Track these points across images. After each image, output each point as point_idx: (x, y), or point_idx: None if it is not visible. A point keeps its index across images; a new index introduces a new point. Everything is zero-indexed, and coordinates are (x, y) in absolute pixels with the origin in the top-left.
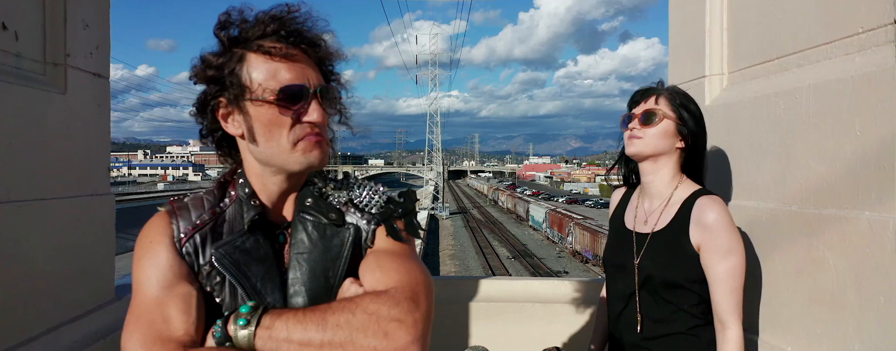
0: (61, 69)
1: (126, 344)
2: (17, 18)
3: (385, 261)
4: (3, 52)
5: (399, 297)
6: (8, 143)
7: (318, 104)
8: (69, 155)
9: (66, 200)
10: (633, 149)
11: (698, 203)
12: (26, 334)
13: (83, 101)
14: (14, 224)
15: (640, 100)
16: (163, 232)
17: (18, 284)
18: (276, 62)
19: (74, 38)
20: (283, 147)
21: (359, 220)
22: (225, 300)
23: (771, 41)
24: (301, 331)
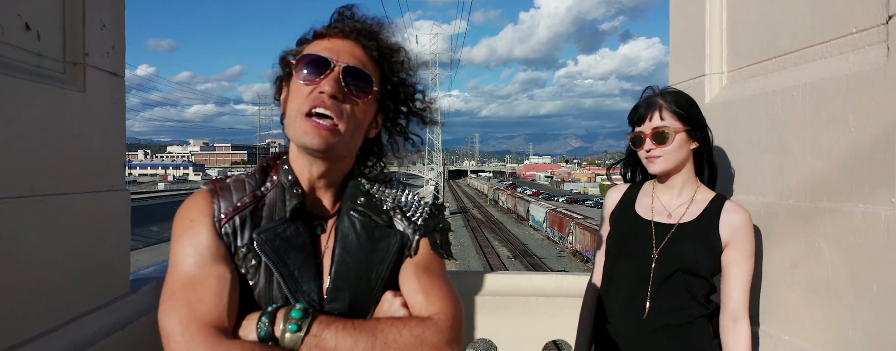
0: (80, 68)
1: (164, 321)
2: (38, 19)
3: (429, 282)
4: (25, 52)
5: (443, 325)
6: (31, 140)
7: (335, 78)
8: (87, 151)
9: (84, 195)
10: (657, 168)
11: (729, 205)
12: (47, 325)
13: (101, 99)
14: (37, 218)
15: (645, 116)
16: (204, 211)
17: (41, 275)
18: (324, 42)
19: (93, 37)
20: (293, 115)
21: (406, 227)
22: (259, 284)
23: (769, 41)
24: (350, 344)
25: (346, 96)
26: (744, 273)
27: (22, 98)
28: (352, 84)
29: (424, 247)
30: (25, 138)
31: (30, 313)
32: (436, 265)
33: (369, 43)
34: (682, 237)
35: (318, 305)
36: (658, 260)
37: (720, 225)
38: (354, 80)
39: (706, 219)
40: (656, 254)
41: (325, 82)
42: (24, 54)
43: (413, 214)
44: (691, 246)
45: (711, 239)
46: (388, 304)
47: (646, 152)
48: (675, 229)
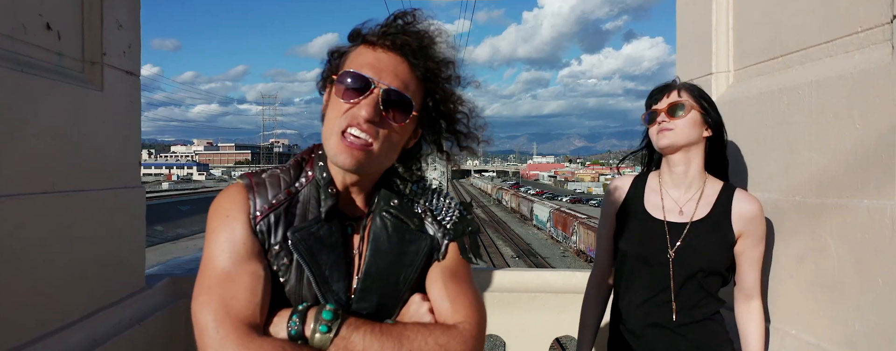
0: (98, 67)
1: (199, 314)
2: (58, 19)
3: (456, 289)
4: (47, 51)
5: (467, 335)
6: (52, 137)
7: (374, 102)
8: (105, 149)
9: (101, 191)
10: (666, 141)
11: (739, 195)
12: (66, 319)
13: (118, 97)
14: (57, 214)
15: (661, 96)
16: (241, 207)
17: (60, 271)
18: (371, 53)
19: (110, 37)
20: (330, 129)
21: (436, 231)
22: (290, 281)
23: (775, 40)
24: (376, 348)
25: (384, 120)
26: (757, 256)
27: (43, 96)
28: (391, 108)
29: (453, 251)
30: (46, 136)
31: (50, 308)
32: (463, 271)
33: (416, 61)
34: (698, 236)
35: (346, 304)
36: (675, 260)
37: (733, 217)
38: (394, 103)
39: (718, 213)
40: (672, 254)
41: (363, 104)
42: (45, 53)
43: (444, 218)
44: (708, 244)
45: (725, 233)
46: (415, 307)
47: (658, 126)
48: (689, 228)
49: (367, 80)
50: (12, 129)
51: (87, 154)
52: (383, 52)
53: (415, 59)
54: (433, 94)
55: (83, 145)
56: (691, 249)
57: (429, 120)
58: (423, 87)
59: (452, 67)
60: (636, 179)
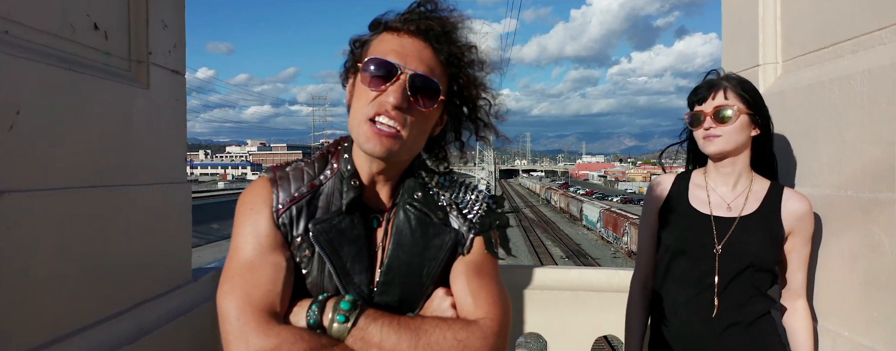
0: (144, 66)
1: (221, 302)
2: (105, 19)
3: (479, 284)
4: (94, 51)
5: (487, 332)
6: (99, 134)
7: (401, 88)
8: (151, 145)
9: (148, 186)
10: (714, 148)
11: (788, 193)
12: (115, 309)
13: (163, 95)
14: (105, 207)
15: (706, 95)
16: (264, 200)
17: (107, 262)
18: (394, 39)
19: (155, 37)
20: (357, 118)
21: (461, 225)
22: (312, 273)
23: (825, 29)
24: (394, 340)
25: (412, 106)
26: (805, 255)
27: (90, 94)
28: (418, 93)
29: (478, 246)
30: (93, 132)
31: (98, 298)
32: (488, 266)
33: (440, 46)
34: (746, 231)
35: (367, 297)
36: (722, 256)
37: (782, 215)
38: (421, 88)
39: (767, 210)
40: (719, 249)
41: (390, 91)
42: (92, 53)
43: (469, 212)
44: (757, 239)
45: (775, 230)
46: (438, 302)
47: (704, 131)
48: (738, 223)
49: (392, 67)
50: (61, 126)
51: (134, 150)
52: (407, 38)
53: (438, 44)
54: (457, 79)
55: (130, 142)
56: (740, 243)
57: (453, 106)
58: (448, 72)
59: (475, 52)
60: (679, 177)
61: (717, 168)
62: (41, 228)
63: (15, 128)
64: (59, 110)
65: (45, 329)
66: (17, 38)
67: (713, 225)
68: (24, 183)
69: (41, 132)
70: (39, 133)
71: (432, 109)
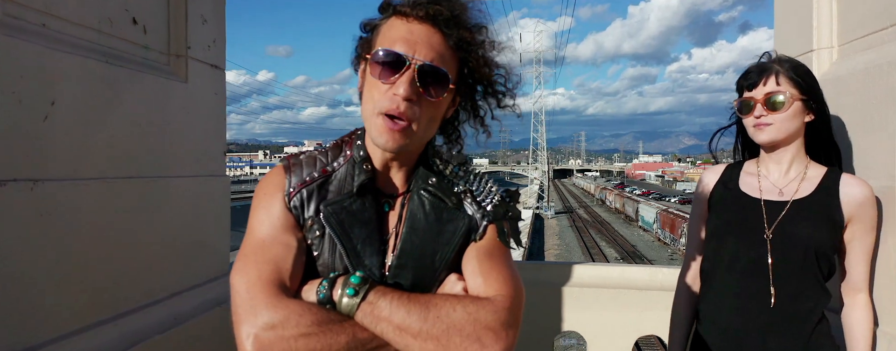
0: (183, 60)
1: (233, 279)
2: (145, 14)
3: (490, 265)
4: (133, 44)
5: (498, 306)
6: (137, 126)
7: (410, 80)
8: (189, 138)
9: (186, 178)
10: (765, 137)
11: (846, 178)
12: (152, 297)
13: (202, 89)
14: (142, 198)
15: (757, 81)
16: (277, 185)
17: (144, 252)
18: (403, 26)
19: (195, 32)
20: (370, 110)
21: (475, 212)
22: (323, 254)
23: (883, 9)
24: (403, 314)
25: (421, 96)
26: (867, 246)
27: (128, 87)
28: (428, 83)
29: (491, 233)
30: (131, 124)
31: (134, 286)
32: (499, 252)
33: (450, 30)
34: (799, 215)
35: (379, 280)
36: (773, 241)
37: (841, 200)
38: (430, 78)
39: (823, 194)
40: (769, 234)
41: (399, 83)
42: (131, 47)
43: (483, 199)
44: (810, 223)
45: (832, 215)
46: (450, 286)
47: (755, 119)
48: (790, 206)
49: (401, 57)
50: (97, 117)
51: (172, 143)
52: (416, 24)
53: (448, 29)
54: (468, 63)
55: (167, 134)
56: (792, 228)
57: (466, 87)
58: (458, 56)
59: (486, 32)
60: (730, 167)
61: (769, 156)
62: (76, 216)
63: (50, 119)
64: (95, 102)
65: (81, 316)
66: (54, 32)
67: (763, 209)
68: (58, 172)
69: (77, 123)
70: (75, 124)
71: (442, 98)
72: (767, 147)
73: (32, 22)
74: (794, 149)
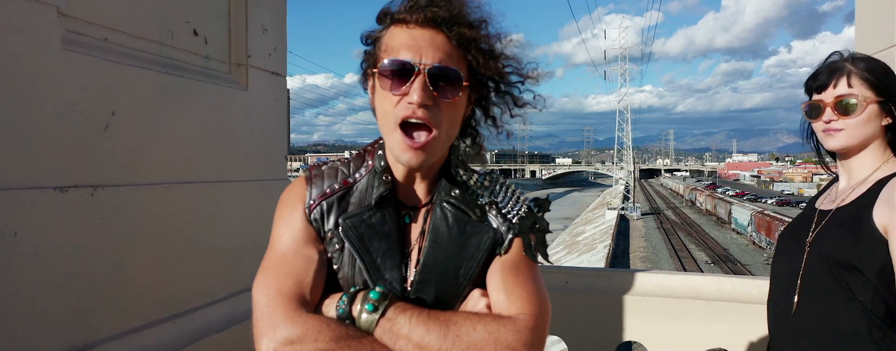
0: (243, 69)
1: (254, 292)
2: (205, 25)
3: (514, 281)
4: (194, 55)
5: (520, 326)
6: (199, 132)
7: (422, 85)
8: (250, 143)
9: (246, 182)
10: (836, 143)
11: (891, 182)
12: (212, 297)
13: (262, 96)
14: (202, 202)
15: (827, 82)
16: (299, 197)
17: (207, 252)
18: (404, 34)
19: (255, 41)
20: (388, 124)
21: (500, 224)
22: (343, 268)
23: None
24: (422, 332)
25: (437, 100)
26: None
27: (188, 96)
28: (440, 85)
29: (516, 247)
30: (192, 131)
31: (194, 287)
32: (525, 266)
33: (451, 29)
34: (832, 222)
35: (401, 295)
36: (810, 250)
37: (875, 207)
38: (443, 80)
39: (861, 202)
40: (809, 244)
41: (412, 91)
42: (191, 57)
43: (509, 212)
44: (837, 232)
45: (863, 224)
46: (474, 302)
47: (824, 124)
48: (831, 215)
49: (408, 65)
50: (157, 126)
51: (232, 148)
52: (417, 29)
53: (449, 28)
54: (476, 59)
55: (228, 140)
56: (823, 236)
57: (478, 84)
58: (465, 53)
59: (486, 26)
60: (831, 181)
61: (842, 163)
62: (136, 220)
63: (110, 128)
64: (155, 111)
65: (141, 314)
66: (115, 45)
67: (814, 218)
68: (117, 178)
69: (136, 132)
70: (134, 133)
71: (458, 98)
72: (838, 154)
73: (94, 37)
74: (869, 154)
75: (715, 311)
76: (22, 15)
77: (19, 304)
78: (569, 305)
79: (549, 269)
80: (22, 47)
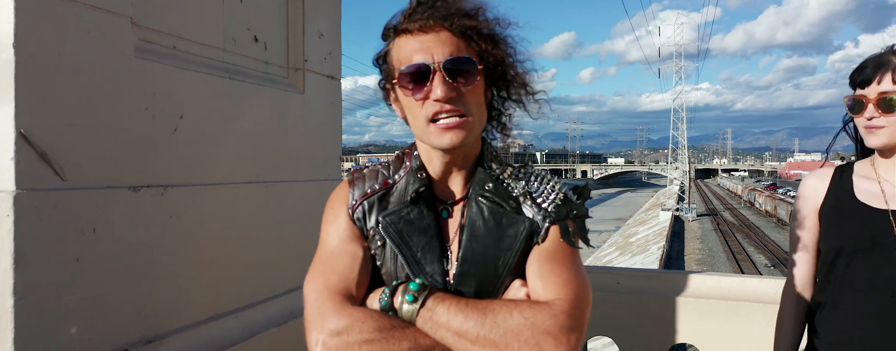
0: (300, 73)
1: (305, 288)
2: (265, 32)
3: (550, 268)
4: (254, 60)
5: (558, 310)
6: (259, 135)
7: (442, 80)
8: (307, 145)
9: (303, 182)
10: (878, 141)
11: None
12: (271, 293)
13: (318, 99)
14: (262, 201)
15: (871, 78)
16: (342, 199)
17: (266, 249)
18: (411, 41)
19: (311, 46)
20: (420, 125)
21: (535, 214)
22: (386, 264)
23: None
24: (461, 320)
25: (459, 91)
26: None
27: (250, 100)
28: (458, 76)
29: (553, 235)
30: (252, 133)
31: (254, 282)
32: (563, 253)
33: (452, 24)
34: None
35: (442, 287)
36: None
37: None
38: (458, 71)
39: None
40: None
41: (434, 88)
42: (252, 62)
43: (544, 200)
44: None
45: None
46: (513, 293)
47: (866, 120)
48: None
49: (423, 66)
50: (221, 129)
51: (290, 150)
52: (421, 33)
53: (451, 23)
54: (481, 45)
55: (286, 142)
56: None
57: (490, 68)
58: (470, 42)
59: (483, 12)
60: (839, 170)
61: (888, 161)
62: (201, 218)
63: (178, 131)
64: (219, 115)
65: (205, 308)
66: (183, 53)
67: (892, 221)
68: (185, 178)
69: (202, 134)
70: (201, 135)
71: (477, 83)
72: (881, 152)
73: (164, 45)
74: None
75: (771, 314)
76: (99, 25)
77: (98, 297)
78: (620, 306)
79: (599, 269)
80: (99, 55)
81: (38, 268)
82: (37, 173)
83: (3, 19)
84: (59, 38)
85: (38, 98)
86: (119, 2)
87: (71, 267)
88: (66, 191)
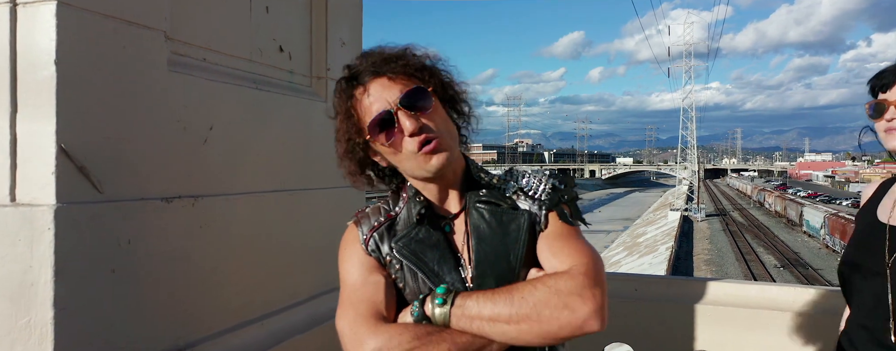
0: (323, 81)
1: (339, 324)
2: (290, 42)
3: (560, 245)
4: (279, 70)
5: (576, 273)
6: (284, 143)
7: (406, 116)
8: (328, 153)
9: (326, 190)
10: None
11: None
12: (295, 299)
13: None
14: (286, 209)
15: (892, 81)
16: (353, 238)
17: (290, 256)
18: (364, 99)
19: (334, 54)
20: (408, 160)
21: (531, 206)
22: (408, 284)
23: None
24: (491, 307)
25: (422, 120)
26: None
27: (275, 109)
28: (417, 106)
29: (553, 219)
30: (277, 142)
31: (279, 289)
32: (567, 231)
33: (394, 67)
34: None
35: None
36: (893, 272)
37: None
38: (416, 102)
39: None
40: (890, 263)
41: (404, 127)
42: (278, 72)
43: (535, 192)
44: None
45: None
46: (531, 277)
47: (886, 123)
48: None
49: (386, 113)
50: (248, 138)
51: (313, 158)
52: (371, 84)
53: (390, 68)
54: (421, 75)
55: (310, 150)
56: None
57: (438, 94)
58: (411, 76)
59: (410, 52)
60: (886, 182)
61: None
62: (229, 227)
63: (209, 142)
64: (247, 125)
65: (233, 316)
66: (212, 65)
67: (887, 236)
68: (215, 188)
69: (231, 145)
70: (229, 145)
71: (434, 106)
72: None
73: (195, 57)
74: None
75: (791, 322)
76: (135, 40)
77: (133, 305)
78: (637, 313)
79: (617, 276)
80: (135, 69)
81: (77, 280)
82: (75, 187)
83: (46, 37)
84: (98, 54)
85: (77, 113)
86: (154, 16)
87: (107, 278)
88: (102, 203)
